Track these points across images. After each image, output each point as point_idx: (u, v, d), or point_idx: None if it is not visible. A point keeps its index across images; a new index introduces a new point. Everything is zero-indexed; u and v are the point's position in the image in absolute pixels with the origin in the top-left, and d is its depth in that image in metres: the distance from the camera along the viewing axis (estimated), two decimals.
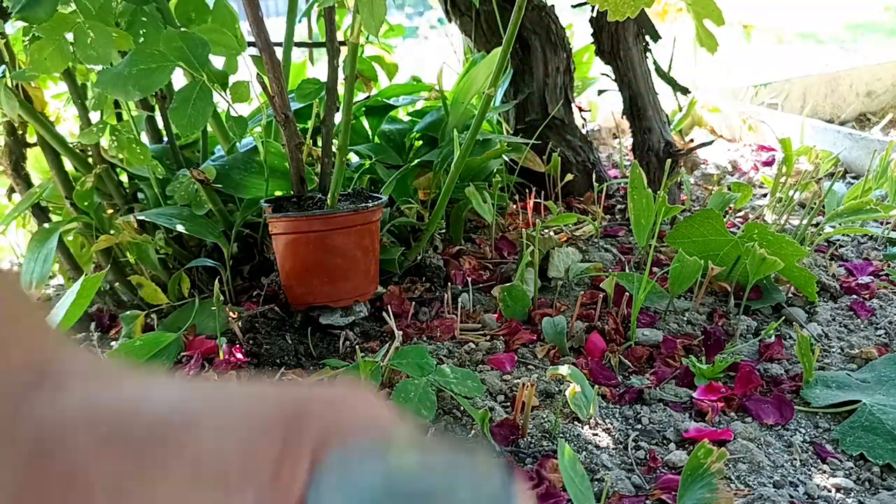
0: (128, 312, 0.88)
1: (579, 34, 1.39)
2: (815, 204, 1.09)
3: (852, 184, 1.32)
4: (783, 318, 0.88)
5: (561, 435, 0.65)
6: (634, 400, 0.72)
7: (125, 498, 0.16)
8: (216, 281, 0.80)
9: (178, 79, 0.88)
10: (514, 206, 1.15)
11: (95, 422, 0.17)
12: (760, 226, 0.85)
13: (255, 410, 0.18)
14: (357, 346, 0.78)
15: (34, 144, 0.93)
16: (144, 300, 0.90)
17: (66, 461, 0.16)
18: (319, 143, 0.96)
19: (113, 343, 0.88)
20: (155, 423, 0.17)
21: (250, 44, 0.89)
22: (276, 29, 0.88)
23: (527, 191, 1.18)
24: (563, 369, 0.66)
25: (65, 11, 0.76)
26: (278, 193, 0.92)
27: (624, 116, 1.23)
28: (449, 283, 0.95)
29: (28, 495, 0.16)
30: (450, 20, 1.25)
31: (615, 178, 1.35)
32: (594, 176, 1.22)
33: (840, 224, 1.03)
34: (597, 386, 0.73)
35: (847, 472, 0.63)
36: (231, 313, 0.85)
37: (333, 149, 0.87)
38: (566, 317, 0.86)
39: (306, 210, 0.82)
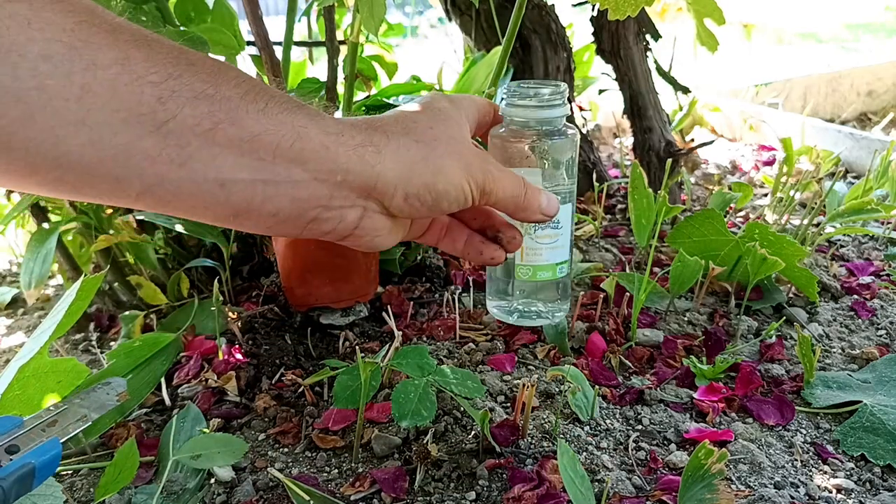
0: (127, 313, 0.88)
1: (580, 33, 1.38)
2: (815, 204, 1.09)
3: (853, 183, 1.32)
4: (784, 318, 0.88)
5: (561, 435, 0.65)
6: (635, 400, 0.72)
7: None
8: (215, 281, 0.80)
9: None
10: None
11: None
12: (761, 226, 0.85)
13: None
14: (357, 347, 0.78)
15: None
16: (143, 300, 0.90)
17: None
18: None
19: (112, 343, 0.88)
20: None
21: (250, 43, 0.89)
22: (275, 28, 0.88)
23: None
24: (564, 370, 0.66)
25: None
26: None
27: (624, 116, 1.22)
28: (449, 284, 0.94)
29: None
30: (450, 19, 1.25)
31: (616, 177, 1.35)
32: (594, 175, 1.22)
33: (841, 224, 1.02)
34: (597, 386, 0.73)
35: (848, 473, 0.63)
36: (230, 314, 0.85)
37: None
38: (566, 317, 0.85)
39: None
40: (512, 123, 0.52)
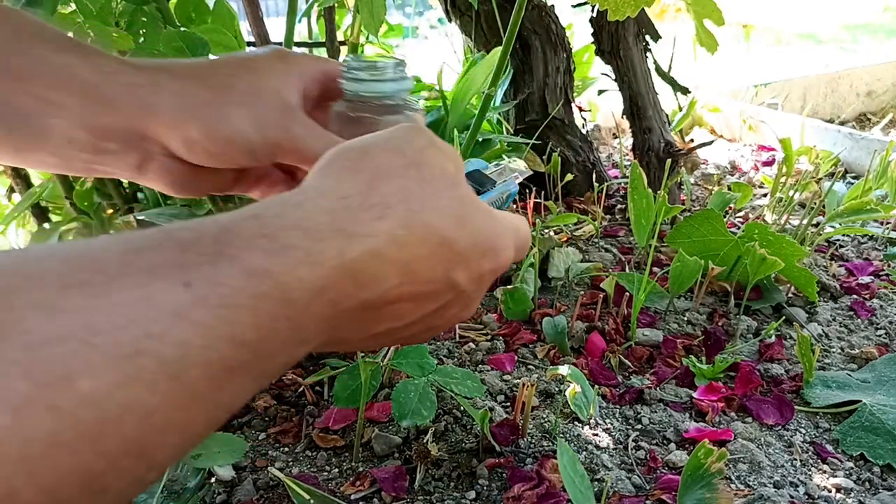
0: None
1: (579, 34, 1.38)
2: (815, 204, 1.09)
3: (852, 184, 1.32)
4: (783, 318, 0.88)
5: (561, 435, 0.65)
6: (635, 400, 0.72)
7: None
8: None
9: None
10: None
11: None
12: (761, 226, 0.85)
13: None
14: None
15: None
16: None
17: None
18: None
19: None
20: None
21: (250, 43, 0.89)
22: (276, 29, 0.88)
23: (527, 191, 1.18)
24: (563, 369, 0.66)
25: (65, 11, 0.76)
26: None
27: (624, 116, 1.23)
28: None
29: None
30: (450, 20, 1.25)
31: (615, 177, 1.35)
32: (594, 176, 1.22)
33: (840, 224, 1.03)
34: (597, 386, 0.73)
35: (847, 472, 0.63)
36: None
37: None
38: (566, 317, 0.86)
39: None
40: (347, 95, 0.50)
